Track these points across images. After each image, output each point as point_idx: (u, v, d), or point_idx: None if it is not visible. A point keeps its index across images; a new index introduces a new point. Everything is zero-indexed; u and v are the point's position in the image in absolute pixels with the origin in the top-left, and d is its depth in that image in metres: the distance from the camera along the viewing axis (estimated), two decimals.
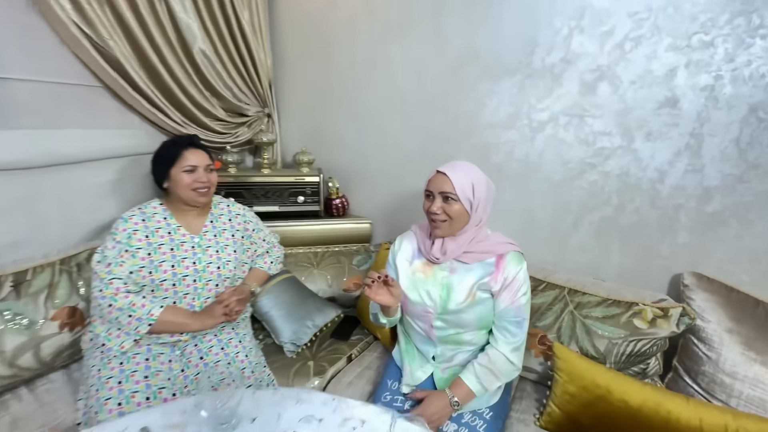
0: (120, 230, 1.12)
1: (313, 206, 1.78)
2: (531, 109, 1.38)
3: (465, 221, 1.00)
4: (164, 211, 1.19)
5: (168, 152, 1.16)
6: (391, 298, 0.96)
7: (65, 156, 1.28)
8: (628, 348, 1.06)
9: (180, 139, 1.18)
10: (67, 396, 1.10)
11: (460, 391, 0.98)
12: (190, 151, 1.16)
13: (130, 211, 1.16)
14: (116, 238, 1.10)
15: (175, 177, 1.14)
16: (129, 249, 1.11)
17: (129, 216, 1.15)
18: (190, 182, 1.14)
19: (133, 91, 1.41)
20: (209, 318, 1.14)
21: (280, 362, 1.31)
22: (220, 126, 1.78)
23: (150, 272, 1.11)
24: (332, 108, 1.85)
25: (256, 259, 1.41)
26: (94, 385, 1.00)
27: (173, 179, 1.15)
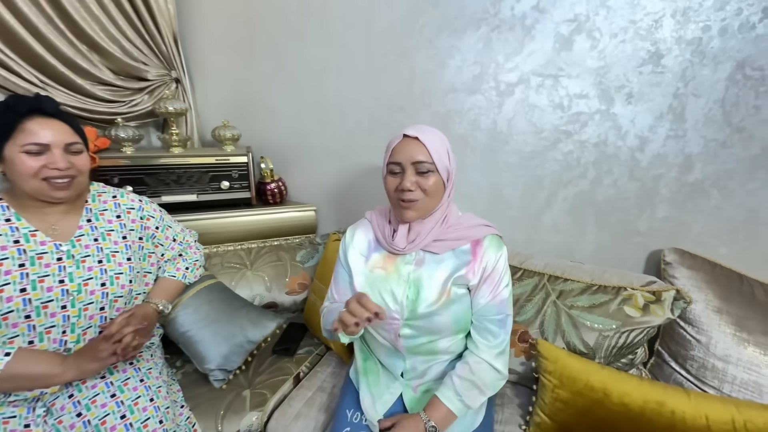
0: None
1: (242, 193, 1.44)
2: (498, 68, 1.18)
3: (440, 198, 0.79)
4: (4, 210, 0.81)
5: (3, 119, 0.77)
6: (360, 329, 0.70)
7: None
8: (620, 340, 0.94)
9: (19, 102, 0.79)
10: None
11: (438, 413, 0.77)
12: (38, 122, 0.78)
13: None
14: None
15: (12, 159, 0.76)
16: None
17: None
18: (37, 168, 0.77)
19: None
20: (91, 361, 0.81)
21: (204, 397, 1.01)
22: (109, 92, 1.36)
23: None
24: (260, 71, 1.50)
25: (165, 266, 1.07)
26: None
27: (8, 162, 0.77)
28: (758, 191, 1.01)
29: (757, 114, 0.97)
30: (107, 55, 1.33)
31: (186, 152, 1.38)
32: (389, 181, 0.79)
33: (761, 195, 1.01)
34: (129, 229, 0.96)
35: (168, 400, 0.90)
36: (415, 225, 0.81)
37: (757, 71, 0.95)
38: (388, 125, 1.38)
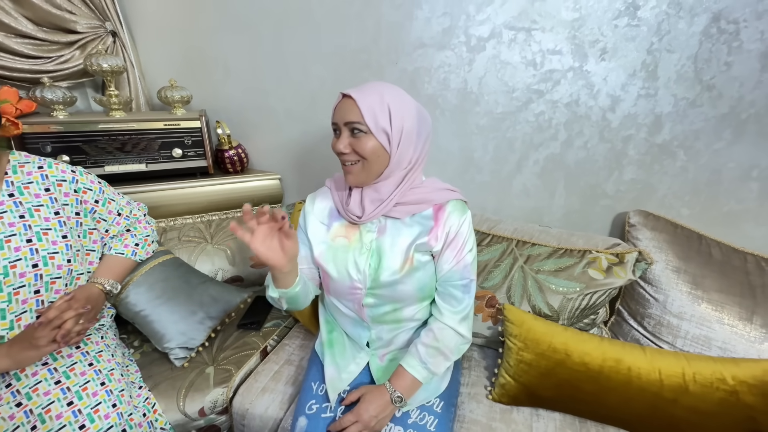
0: None
1: (197, 161, 1.33)
2: (469, 21, 1.09)
3: (384, 163, 0.72)
4: None
5: None
6: (282, 256, 0.66)
7: None
8: (583, 302, 0.95)
9: None
10: None
11: (403, 383, 0.77)
12: None
13: None
14: None
15: None
16: None
17: None
18: None
19: None
20: (28, 349, 0.74)
21: (166, 375, 0.97)
22: (29, 46, 1.18)
23: None
24: (208, 22, 1.34)
25: (111, 243, 0.98)
26: None
27: None
28: (722, 151, 1.01)
29: (728, 71, 0.94)
30: (25, 3, 1.15)
31: (129, 116, 1.24)
32: (333, 142, 0.73)
33: (725, 155, 1.01)
34: (62, 204, 0.87)
35: (122, 383, 0.85)
36: (367, 191, 0.76)
37: (731, 24, 0.91)
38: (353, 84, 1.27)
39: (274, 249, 0.66)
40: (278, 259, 0.66)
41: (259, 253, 0.65)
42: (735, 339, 0.90)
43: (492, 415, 0.89)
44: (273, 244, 0.66)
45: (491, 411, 0.90)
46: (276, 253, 0.66)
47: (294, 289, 0.73)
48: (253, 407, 0.92)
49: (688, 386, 0.80)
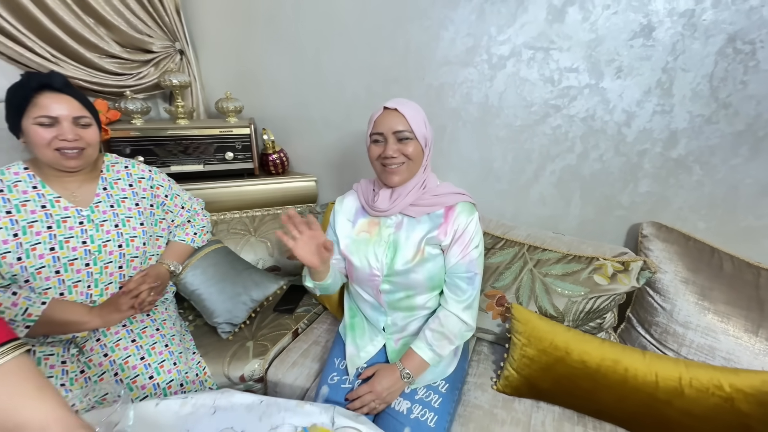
0: None
1: (245, 163, 1.52)
2: (491, 41, 1.18)
3: (420, 162, 0.87)
4: (32, 178, 0.91)
5: (14, 96, 0.85)
6: (317, 260, 0.82)
7: None
8: (587, 305, 1.01)
9: (31, 78, 0.86)
10: None
11: (412, 363, 0.88)
12: (48, 96, 0.85)
13: None
14: None
15: (28, 131, 0.85)
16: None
17: None
18: (49, 139, 0.85)
19: None
20: (113, 312, 0.93)
21: (214, 346, 1.15)
22: (116, 65, 1.42)
23: (19, 258, 0.86)
24: (259, 42, 1.53)
25: (175, 231, 1.18)
26: None
27: (26, 133, 0.86)
28: (739, 167, 1.03)
29: (744, 89, 0.97)
30: (113, 28, 1.38)
31: (192, 124, 1.45)
32: (373, 149, 0.86)
33: (742, 171, 1.03)
34: (141, 197, 1.06)
35: (181, 347, 1.03)
36: (396, 189, 0.88)
37: (747, 45, 0.94)
38: (383, 97, 1.38)
39: (311, 253, 0.81)
40: (314, 263, 0.82)
41: (300, 256, 0.80)
42: (739, 350, 0.92)
43: (495, 403, 0.98)
44: (311, 249, 0.81)
45: (494, 399, 0.99)
46: (313, 257, 0.81)
47: (326, 282, 0.90)
48: (284, 378, 1.07)
49: (683, 390, 0.84)
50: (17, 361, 0.40)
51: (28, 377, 0.40)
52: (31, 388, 0.40)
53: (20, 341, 0.42)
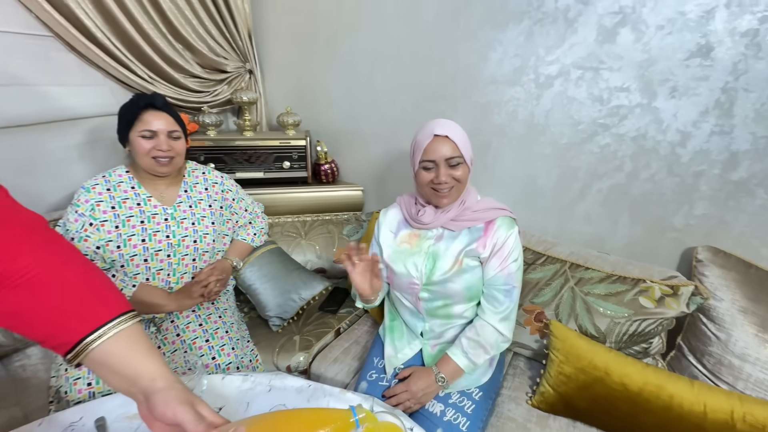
0: (82, 201, 1.02)
1: (300, 172, 1.66)
2: (539, 61, 1.21)
3: (467, 183, 0.93)
4: (131, 180, 1.09)
5: (126, 113, 1.03)
6: (368, 287, 0.90)
7: (17, 117, 1.16)
8: (631, 328, 0.99)
9: (139, 99, 1.04)
10: (41, 373, 1.07)
11: (448, 368, 0.92)
12: (151, 114, 1.03)
13: (92, 180, 1.06)
14: (78, 210, 1.01)
15: (133, 141, 1.02)
16: (93, 222, 1.02)
17: (92, 185, 1.04)
18: (149, 149, 1.02)
19: (89, 42, 1.25)
20: (186, 298, 1.08)
21: (265, 337, 1.27)
22: (197, 83, 1.63)
23: (118, 246, 1.03)
24: (318, 62, 1.67)
25: (238, 231, 1.32)
26: (62, 363, 0.95)
27: (132, 144, 1.03)
28: None
29: None
30: (196, 52, 1.59)
31: (256, 136, 1.62)
32: (423, 176, 0.90)
33: None
34: (213, 200, 1.21)
35: (238, 334, 1.16)
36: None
37: None
38: (430, 113, 1.48)
39: (365, 281, 0.89)
40: (366, 291, 0.90)
41: (355, 282, 0.89)
42: None
43: (529, 418, 0.98)
44: (366, 278, 0.89)
45: (529, 414, 0.99)
46: (366, 285, 0.89)
47: (372, 305, 0.99)
48: (326, 372, 1.15)
49: (735, 424, 0.81)
50: (134, 327, 0.52)
51: (141, 340, 0.51)
52: (144, 348, 0.51)
53: (135, 312, 0.54)
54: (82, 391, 0.90)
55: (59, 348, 0.49)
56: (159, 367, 0.50)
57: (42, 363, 1.10)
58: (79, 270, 0.52)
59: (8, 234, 0.48)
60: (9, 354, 1.09)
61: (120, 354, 0.49)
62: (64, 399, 0.91)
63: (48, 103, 1.24)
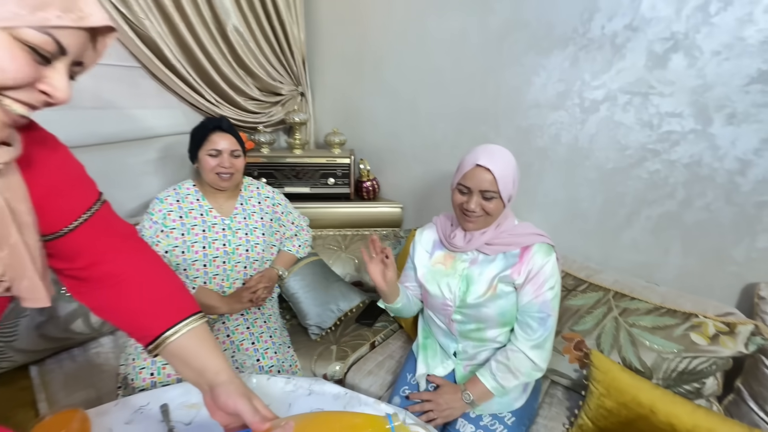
0: (156, 210, 1.16)
1: (343, 188, 1.74)
2: (584, 86, 1.21)
3: (498, 215, 0.92)
4: (196, 193, 1.22)
5: (197, 134, 1.17)
6: (381, 279, 0.94)
7: (108, 136, 1.35)
8: (680, 365, 0.94)
9: (209, 122, 1.18)
10: (112, 360, 1.20)
11: (475, 389, 0.92)
12: (218, 135, 1.15)
13: (165, 192, 1.20)
14: (153, 218, 1.15)
15: (201, 159, 1.15)
16: (164, 229, 1.15)
17: (164, 197, 1.18)
18: (214, 166, 1.14)
19: (169, 71, 1.43)
20: (237, 302, 1.17)
21: (304, 344, 1.33)
22: (254, 105, 1.78)
23: (183, 252, 1.15)
24: (365, 86, 1.77)
25: (285, 242, 1.41)
26: (131, 354, 1.07)
27: (200, 161, 1.16)
28: None
29: None
30: (256, 77, 1.75)
31: (304, 153, 1.73)
32: (457, 196, 0.93)
33: None
34: (264, 213, 1.32)
35: (280, 340, 1.23)
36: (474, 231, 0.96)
37: None
38: (471, 137, 1.51)
39: (378, 271, 0.94)
40: (380, 282, 0.95)
41: (370, 272, 0.94)
42: None
43: None
44: (378, 268, 0.94)
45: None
46: (378, 275, 0.94)
47: (395, 305, 1.01)
48: (360, 383, 1.19)
49: None
50: (202, 326, 0.59)
51: (208, 338, 0.59)
52: (210, 346, 0.58)
53: (203, 313, 0.61)
54: (146, 380, 1.01)
55: (141, 340, 0.58)
56: (222, 362, 0.56)
57: (113, 352, 1.24)
58: (161, 274, 0.61)
59: (110, 242, 0.58)
60: (87, 342, 1.25)
61: (191, 349, 0.56)
62: (130, 385, 1.02)
63: (132, 124, 1.43)
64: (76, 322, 1.17)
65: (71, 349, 1.21)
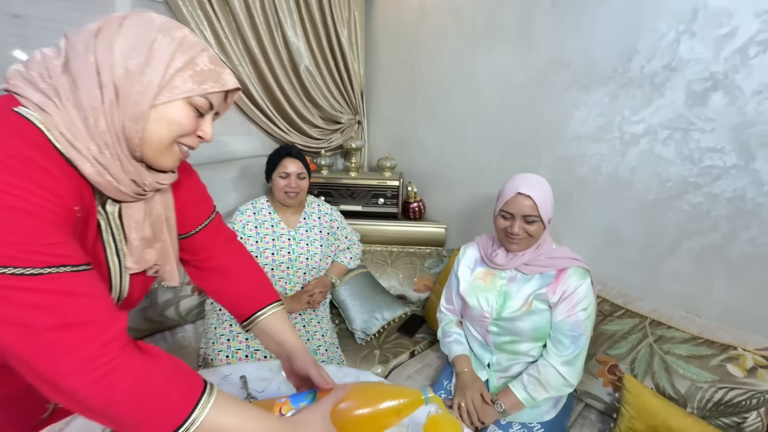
0: (237, 221, 1.40)
1: (391, 208, 1.91)
2: (624, 121, 1.28)
3: (539, 238, 1.02)
4: (269, 207, 1.45)
5: (272, 159, 1.41)
6: None
7: (205, 158, 1.64)
8: (716, 395, 0.94)
9: (282, 149, 1.42)
10: (193, 343, 1.44)
11: (507, 398, 1.00)
12: (288, 160, 1.38)
13: (245, 206, 1.44)
14: (235, 227, 1.39)
15: (274, 179, 1.38)
16: (242, 236, 1.38)
17: (244, 209, 1.43)
18: (283, 185, 1.36)
19: (253, 106, 1.72)
20: (296, 303, 1.36)
21: (350, 347, 1.48)
22: (317, 132, 2.03)
23: (256, 257, 1.36)
24: (416, 115, 1.95)
25: (338, 254, 1.60)
26: (211, 338, 1.29)
27: (273, 181, 1.39)
28: None
29: None
30: (321, 108, 2.01)
31: (358, 176, 1.93)
32: (500, 222, 1.04)
33: None
34: (323, 227, 1.52)
35: (330, 340, 1.39)
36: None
37: None
38: (514, 164, 1.61)
39: None
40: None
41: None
42: None
43: None
44: None
45: None
46: None
47: None
48: None
49: None
50: (282, 311, 0.77)
51: (286, 320, 0.76)
52: (288, 326, 0.75)
53: (281, 301, 0.79)
54: (222, 360, 1.21)
55: (239, 318, 0.76)
56: (297, 339, 0.73)
57: (193, 337, 1.48)
58: (254, 269, 0.81)
59: (220, 243, 0.78)
60: (174, 327, 1.50)
61: (274, 326, 0.74)
62: (210, 365, 1.23)
63: (220, 148, 1.73)
64: (169, 309, 1.43)
65: (164, 331, 1.47)
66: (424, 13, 1.83)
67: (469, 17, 1.66)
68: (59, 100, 0.48)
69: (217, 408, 0.48)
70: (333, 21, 1.84)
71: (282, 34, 1.74)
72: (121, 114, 0.50)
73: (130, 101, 0.50)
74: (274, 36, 1.70)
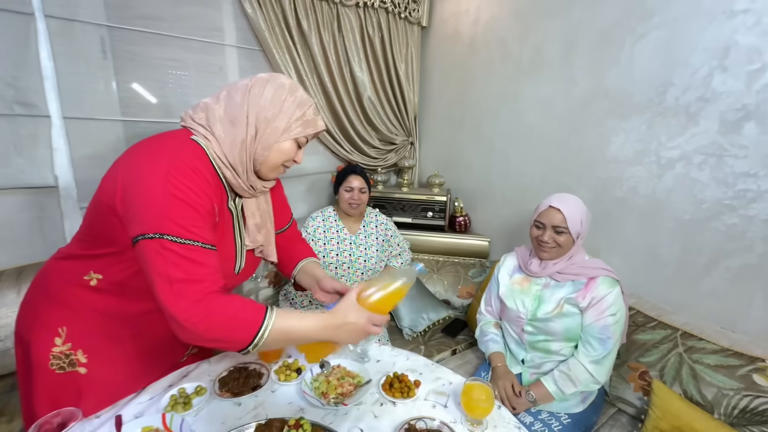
0: (310, 226, 1.68)
1: (439, 221, 2.11)
2: (660, 146, 1.38)
3: (568, 248, 1.16)
4: (335, 215, 1.72)
5: (341, 175, 1.68)
6: None
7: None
8: (741, 402, 1.01)
9: (349, 167, 1.69)
10: None
11: (538, 390, 1.13)
12: (353, 176, 1.64)
13: (315, 213, 1.73)
14: (307, 231, 1.67)
15: (340, 192, 1.65)
16: (313, 239, 1.66)
17: (315, 216, 1.71)
18: (347, 198, 1.62)
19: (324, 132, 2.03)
20: None
21: (398, 341, 1.68)
22: (375, 152, 2.30)
23: (323, 257, 1.64)
24: (464, 138, 2.15)
25: (390, 259, 1.82)
26: None
27: (339, 193, 1.66)
28: None
29: None
30: (378, 131, 2.28)
31: (409, 191, 2.16)
32: (534, 231, 1.22)
33: None
34: (378, 234, 1.75)
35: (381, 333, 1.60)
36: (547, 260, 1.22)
37: None
38: (555, 184, 1.74)
39: None
40: None
41: None
42: None
43: None
44: None
45: None
46: None
47: None
48: None
49: None
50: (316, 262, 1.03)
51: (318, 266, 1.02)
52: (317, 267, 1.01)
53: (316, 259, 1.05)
54: None
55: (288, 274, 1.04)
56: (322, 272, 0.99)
57: None
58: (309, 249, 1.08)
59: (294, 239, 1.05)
60: None
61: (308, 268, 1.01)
62: None
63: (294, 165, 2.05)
64: (251, 297, 1.73)
65: None
66: (474, 48, 2.05)
67: (515, 52, 1.85)
68: (213, 135, 0.77)
69: (280, 316, 0.68)
70: (393, 56, 2.13)
71: (350, 70, 2.05)
72: (255, 145, 0.78)
73: (263, 138, 0.78)
74: (342, 71, 2.01)
